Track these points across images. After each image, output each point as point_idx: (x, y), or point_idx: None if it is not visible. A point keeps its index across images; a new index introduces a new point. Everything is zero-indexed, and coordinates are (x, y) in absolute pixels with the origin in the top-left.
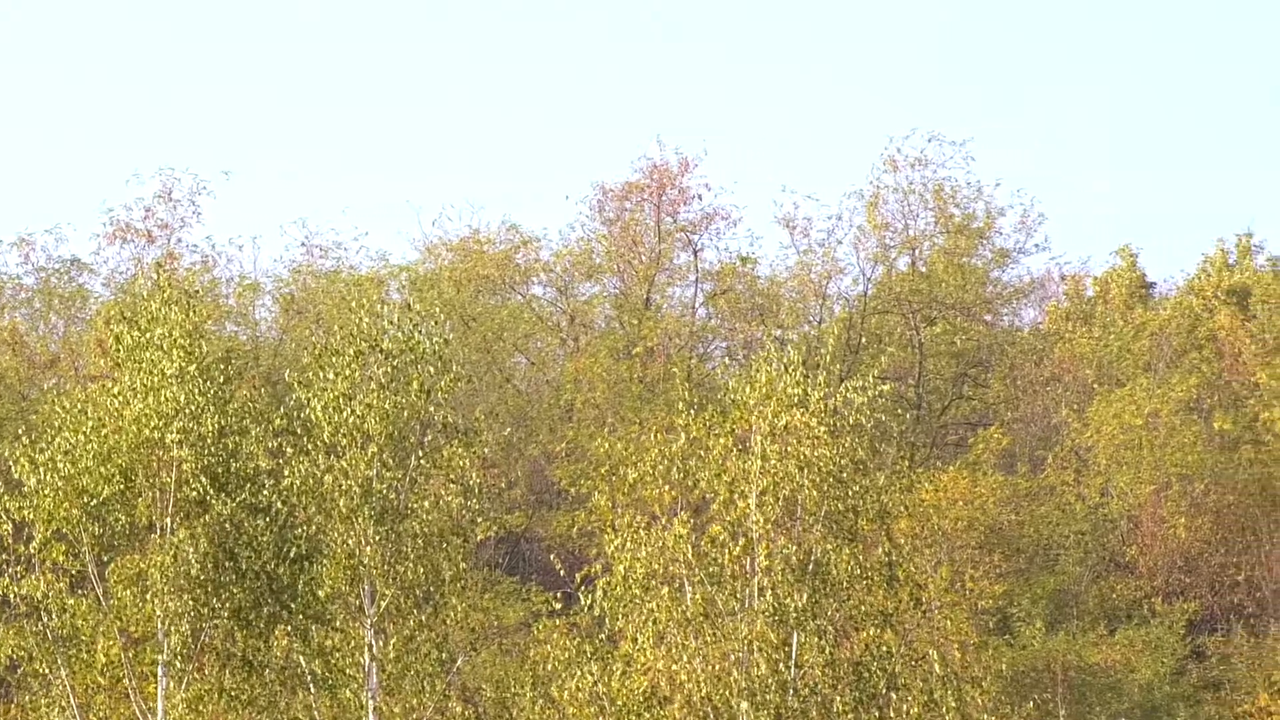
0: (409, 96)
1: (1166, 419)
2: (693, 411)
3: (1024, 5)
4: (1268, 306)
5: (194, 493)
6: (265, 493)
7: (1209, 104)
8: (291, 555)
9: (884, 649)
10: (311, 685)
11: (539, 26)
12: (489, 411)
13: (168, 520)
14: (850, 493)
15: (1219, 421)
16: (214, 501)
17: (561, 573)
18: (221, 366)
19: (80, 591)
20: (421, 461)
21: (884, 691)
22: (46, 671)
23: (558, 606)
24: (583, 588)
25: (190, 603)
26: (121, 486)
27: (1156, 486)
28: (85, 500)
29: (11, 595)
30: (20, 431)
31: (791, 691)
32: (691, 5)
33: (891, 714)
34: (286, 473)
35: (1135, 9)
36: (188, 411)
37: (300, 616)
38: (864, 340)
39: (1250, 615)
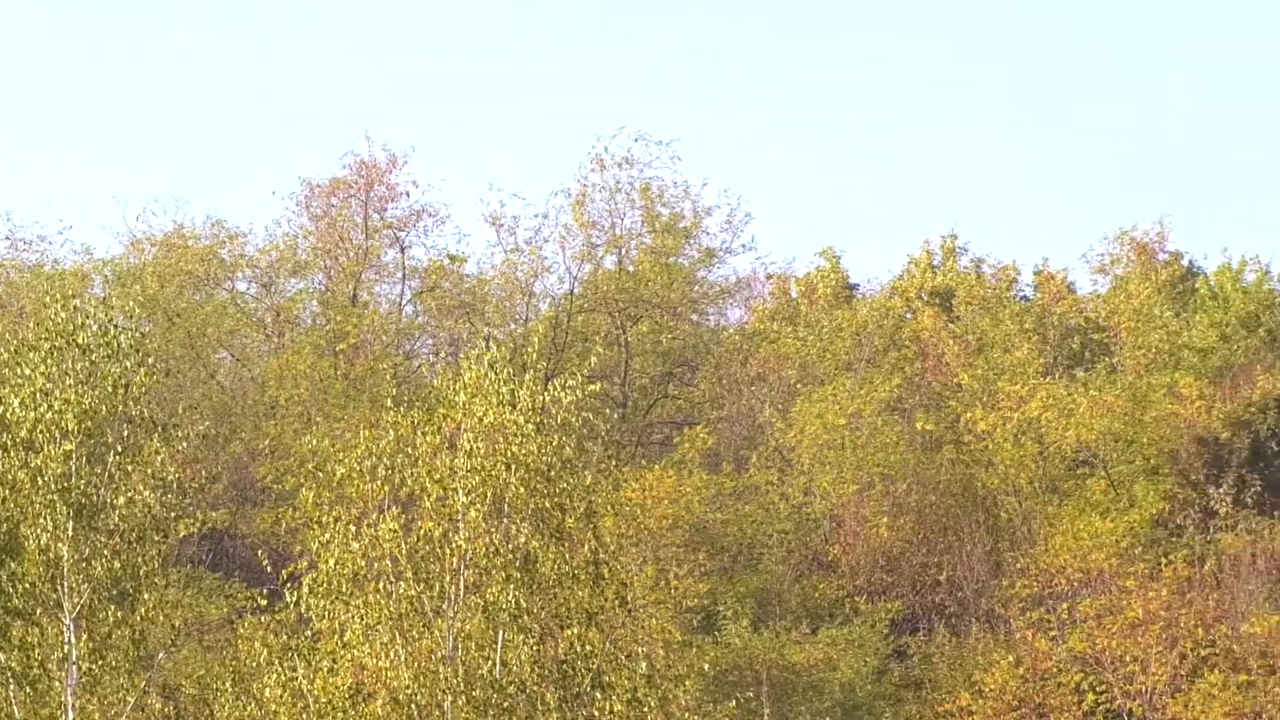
0: (115, 89)
1: (869, 419)
2: (400, 409)
3: (734, 5)
4: (970, 308)
5: None
6: None
7: (913, 106)
8: None
9: (589, 647)
10: (11, 681)
11: (247, 20)
12: (192, 407)
13: None
14: (557, 490)
15: (921, 422)
16: None
17: (267, 569)
18: None
19: None
20: (119, 457)
21: (589, 690)
22: None
23: (263, 603)
24: (288, 584)
25: None
26: None
27: (859, 486)
28: None
29: None
30: None
31: (497, 689)
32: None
33: (596, 712)
34: None
35: (836, 9)
36: None
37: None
38: (570, 339)
39: (952, 615)
